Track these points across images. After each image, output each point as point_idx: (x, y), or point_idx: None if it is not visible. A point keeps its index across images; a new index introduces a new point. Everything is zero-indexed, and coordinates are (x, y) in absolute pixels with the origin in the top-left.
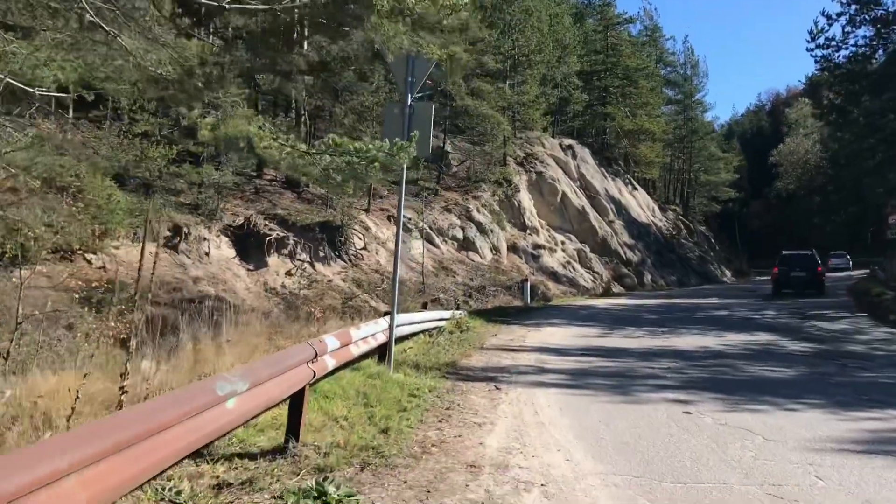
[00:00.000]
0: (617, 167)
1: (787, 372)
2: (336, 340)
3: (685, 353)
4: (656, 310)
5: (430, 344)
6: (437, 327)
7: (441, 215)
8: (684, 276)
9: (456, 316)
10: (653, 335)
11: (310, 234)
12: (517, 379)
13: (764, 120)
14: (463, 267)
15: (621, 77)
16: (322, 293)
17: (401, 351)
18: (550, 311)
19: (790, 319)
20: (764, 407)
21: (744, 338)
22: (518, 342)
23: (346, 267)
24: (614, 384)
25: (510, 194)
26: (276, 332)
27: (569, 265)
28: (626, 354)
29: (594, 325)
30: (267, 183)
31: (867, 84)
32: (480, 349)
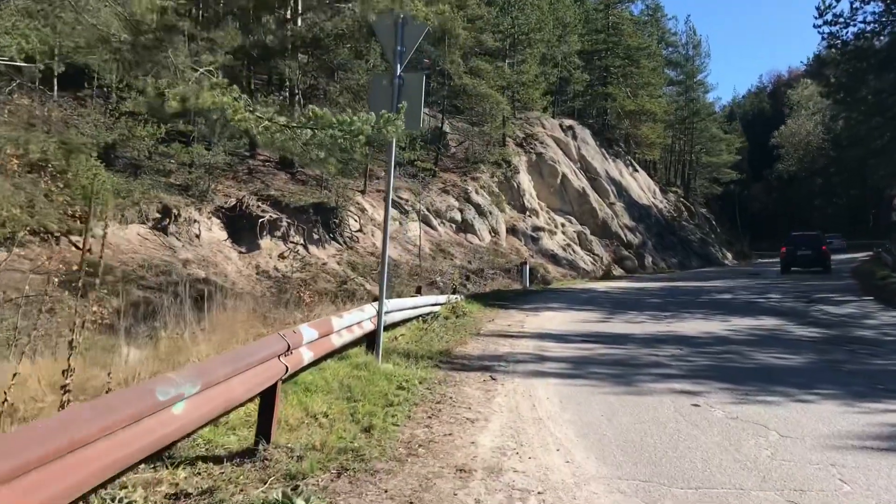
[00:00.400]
0: (618, 148)
1: (796, 359)
2: (314, 331)
3: (690, 340)
4: (658, 293)
5: (423, 330)
6: (432, 313)
7: (439, 197)
8: (685, 258)
9: (451, 301)
10: (655, 320)
11: (303, 215)
12: (514, 368)
13: (765, 101)
14: (461, 249)
15: (623, 57)
16: (316, 276)
17: (392, 338)
18: (550, 295)
19: (796, 303)
20: (776, 398)
21: (749, 322)
22: (516, 328)
23: (340, 249)
24: (617, 373)
25: (509, 176)
26: (263, 318)
27: (569, 248)
28: (629, 341)
29: (595, 309)
30: (260, 164)
31: (875, 62)
32: (477, 336)
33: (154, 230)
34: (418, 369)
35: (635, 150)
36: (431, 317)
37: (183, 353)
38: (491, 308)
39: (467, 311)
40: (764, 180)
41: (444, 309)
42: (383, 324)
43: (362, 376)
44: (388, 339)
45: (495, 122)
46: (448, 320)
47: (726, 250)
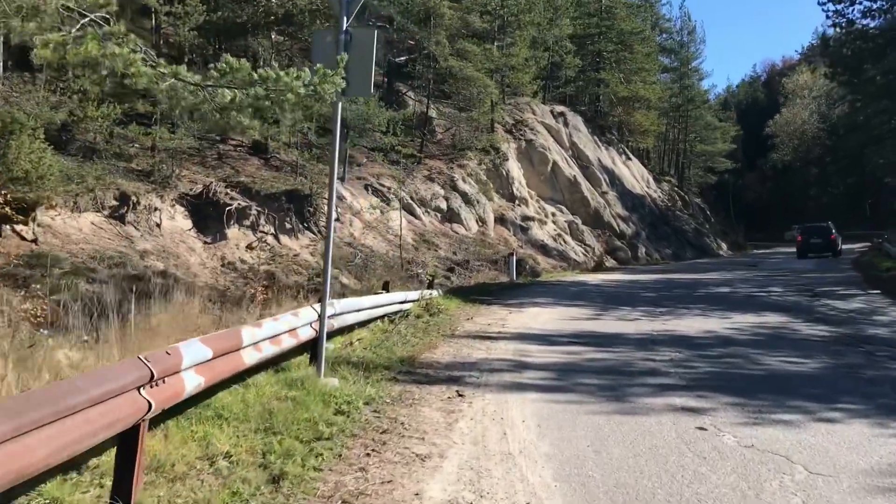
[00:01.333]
0: (610, 136)
1: (808, 364)
2: (205, 348)
3: (689, 340)
4: (652, 286)
5: (387, 333)
6: (401, 311)
7: (423, 185)
8: (680, 249)
9: (425, 297)
10: (650, 317)
11: (275, 203)
12: (488, 380)
13: (759, 91)
14: (446, 240)
15: (616, 41)
16: (286, 268)
17: (346, 344)
18: (537, 289)
19: (799, 297)
20: (794, 416)
21: (752, 319)
22: (496, 327)
23: (315, 240)
24: (608, 385)
25: (498, 163)
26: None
27: (559, 238)
28: (621, 342)
29: (585, 304)
30: (231, 148)
31: (883, 41)
32: (450, 337)
33: (110, 219)
34: (369, 384)
35: (628, 137)
36: (400, 316)
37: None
38: (471, 304)
39: (443, 308)
40: (758, 170)
41: (416, 307)
42: (333, 328)
43: (294, 397)
44: (342, 344)
45: (483, 108)
46: (420, 319)
47: (721, 241)
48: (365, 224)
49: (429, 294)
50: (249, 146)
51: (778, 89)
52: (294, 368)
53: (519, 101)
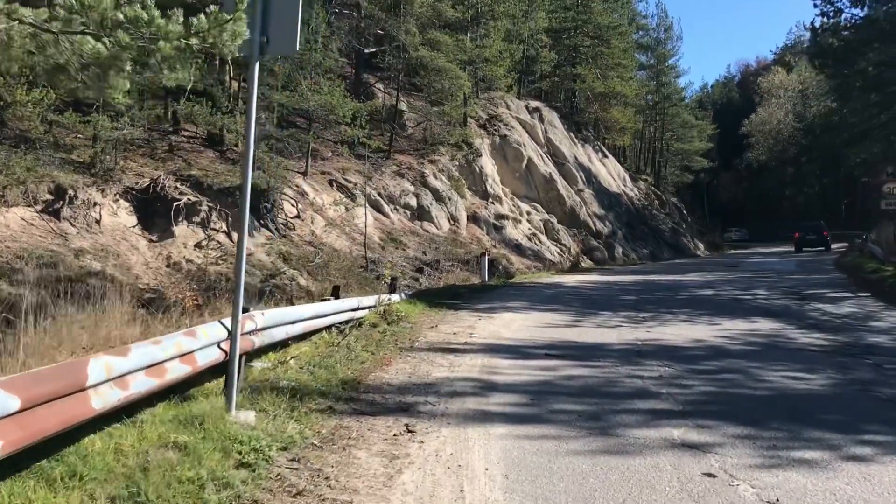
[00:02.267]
0: (587, 133)
1: (815, 380)
2: (7, 396)
3: (678, 352)
4: (632, 289)
5: (334, 346)
6: (352, 320)
7: (392, 180)
8: (657, 249)
9: (383, 302)
10: (633, 323)
11: (229, 199)
12: (447, 407)
13: (734, 91)
14: (415, 239)
15: (592, 36)
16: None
17: (279, 362)
18: (511, 291)
19: (787, 301)
20: (818, 454)
21: (742, 326)
22: (463, 337)
23: (272, 238)
24: (591, 412)
25: (471, 159)
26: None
27: (534, 237)
28: (603, 354)
29: (561, 309)
30: (184, 140)
31: (874, 32)
32: (408, 351)
33: (43, 214)
34: (294, 419)
35: (605, 135)
36: (352, 326)
37: None
38: (437, 309)
39: (404, 314)
40: (733, 170)
41: (372, 314)
42: (254, 346)
43: (186, 444)
44: (273, 363)
45: (456, 101)
46: (375, 329)
47: (698, 241)
48: (328, 221)
49: (387, 299)
50: (204, 138)
51: (753, 89)
52: (202, 398)
53: (493, 96)
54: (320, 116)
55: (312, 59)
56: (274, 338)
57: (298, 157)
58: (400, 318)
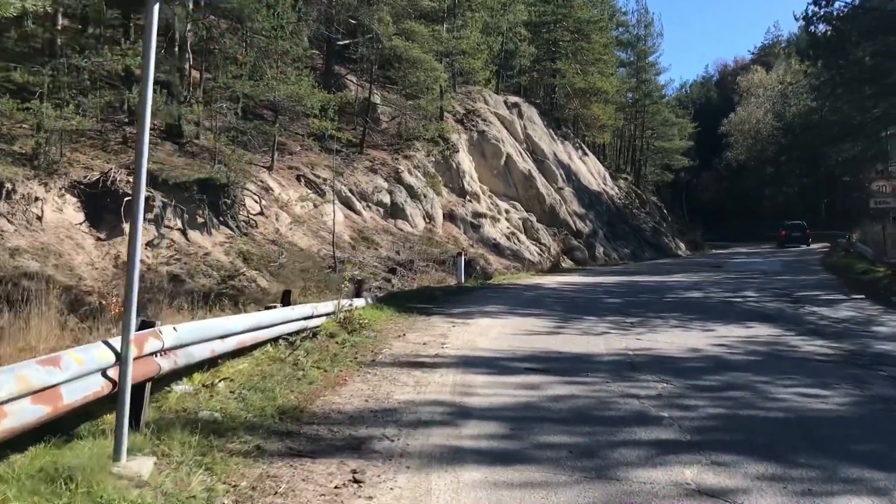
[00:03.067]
0: (566, 130)
1: (832, 398)
2: None
3: (674, 363)
4: (616, 290)
5: (279, 362)
6: (305, 329)
7: (365, 176)
8: (638, 248)
9: (344, 308)
10: (620, 329)
11: (185, 194)
12: (407, 443)
13: (712, 90)
14: (388, 238)
15: (572, 30)
16: (193, 270)
17: (202, 386)
18: (488, 294)
19: (780, 303)
20: (865, 501)
21: (738, 332)
22: (434, 348)
23: (232, 236)
24: (583, 445)
25: (448, 155)
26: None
27: (513, 236)
28: (592, 367)
29: (542, 313)
30: None
31: (870, 20)
32: (369, 366)
33: None
34: (204, 467)
35: (584, 132)
36: (304, 337)
37: None
38: (407, 315)
39: (369, 321)
40: (712, 169)
41: (330, 322)
42: (161, 372)
43: None
44: (196, 387)
45: (432, 94)
46: (333, 340)
47: (679, 240)
48: (294, 218)
49: (348, 305)
50: (162, 129)
51: (731, 89)
52: (88, 438)
53: (470, 90)
54: (287, 108)
55: (279, 47)
56: (193, 357)
57: (264, 150)
58: (363, 325)
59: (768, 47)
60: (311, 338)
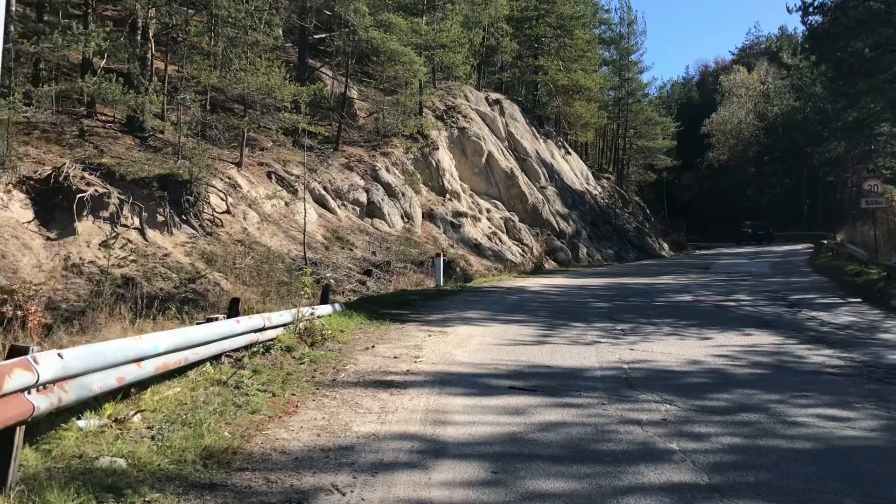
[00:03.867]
0: (549, 128)
1: (858, 421)
2: None
3: (674, 379)
4: (603, 294)
5: (220, 385)
6: (256, 344)
7: (340, 174)
8: (622, 249)
9: (304, 317)
10: (611, 337)
11: (144, 190)
12: (362, 499)
13: (693, 91)
14: (364, 238)
15: (555, 26)
16: (151, 272)
17: (113, 421)
18: (469, 298)
19: (776, 308)
20: None
21: (738, 341)
22: (405, 362)
23: (194, 236)
24: (580, 494)
25: (427, 152)
26: None
27: (494, 236)
28: (584, 384)
29: (527, 319)
30: (100, 124)
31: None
32: (327, 387)
33: None
34: None
35: (567, 130)
36: (254, 352)
37: None
38: (379, 322)
39: (333, 332)
40: (694, 169)
41: (287, 333)
42: (53, 406)
43: None
44: (112, 416)
45: (411, 89)
46: (290, 354)
47: (663, 241)
48: (263, 217)
49: (309, 313)
50: (123, 122)
51: (712, 90)
52: None
53: (451, 86)
54: (258, 101)
55: (249, 37)
56: (90, 390)
57: (234, 146)
58: (326, 337)
59: (749, 48)
60: (262, 353)
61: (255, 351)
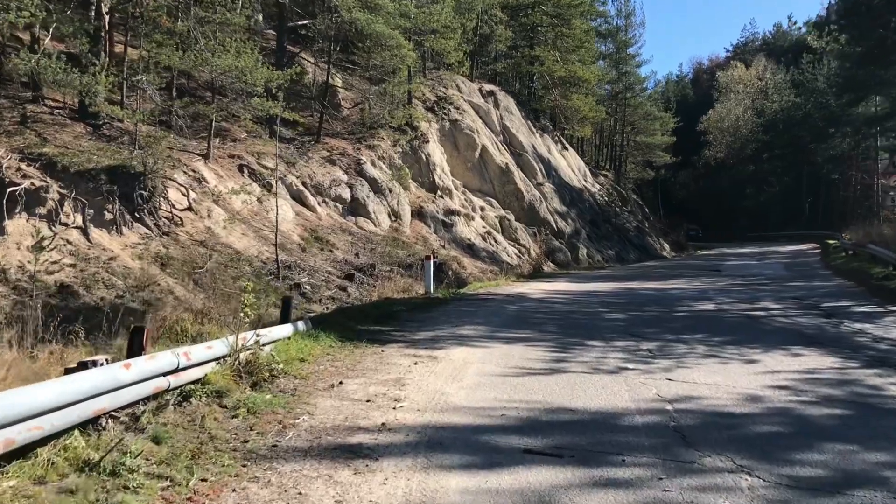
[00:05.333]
0: (545, 122)
1: None
2: None
3: (738, 428)
4: (614, 302)
5: (86, 470)
6: (167, 391)
7: (321, 168)
8: (623, 250)
9: (246, 347)
10: (640, 362)
11: (90, 183)
12: None
13: (688, 88)
14: (347, 238)
15: (552, 14)
16: (91, 278)
17: None
18: (462, 308)
19: (812, 318)
20: None
21: (788, 363)
22: (382, 408)
23: (148, 236)
24: None
25: (417, 145)
26: None
27: (489, 236)
28: (623, 441)
29: (533, 337)
30: (47, 110)
31: None
32: (264, 458)
33: None
34: None
35: (564, 125)
36: (160, 406)
37: None
38: (353, 345)
39: (290, 361)
40: (690, 167)
41: (219, 371)
42: None
43: None
44: None
45: (399, 77)
46: (218, 402)
47: (663, 241)
48: (232, 215)
49: (253, 340)
50: (74, 108)
51: (707, 87)
52: None
53: (442, 76)
54: (227, 86)
55: (218, 14)
56: None
57: (203, 137)
58: (276, 373)
59: (744, 45)
60: (178, 404)
61: (163, 403)
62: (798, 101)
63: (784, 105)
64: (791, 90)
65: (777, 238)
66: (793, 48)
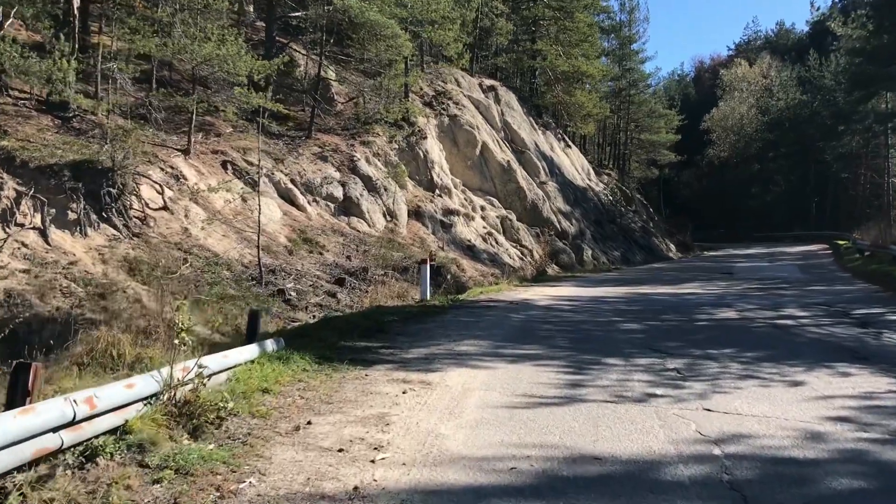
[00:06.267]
0: (547, 119)
1: None
2: None
3: (810, 484)
4: (627, 309)
5: None
6: (54, 453)
7: (312, 165)
8: (629, 251)
9: (184, 381)
10: (668, 385)
11: (51, 180)
12: None
13: (690, 87)
14: (338, 239)
15: (555, 7)
16: (48, 285)
17: None
18: (462, 317)
19: (843, 327)
20: None
21: (840, 386)
22: (357, 462)
23: (116, 237)
24: None
25: (414, 142)
26: None
27: (490, 237)
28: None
29: (542, 353)
30: (11, 101)
31: None
32: None
33: None
34: None
35: (566, 122)
36: (38, 479)
37: None
38: (332, 367)
39: (247, 394)
40: (693, 166)
41: (149, 414)
42: None
43: None
44: None
45: (395, 70)
46: (140, 461)
47: (669, 242)
48: (212, 215)
49: (195, 371)
50: (41, 99)
51: (710, 86)
52: None
53: (441, 70)
54: (209, 77)
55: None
56: None
57: (184, 131)
58: (224, 413)
59: (747, 43)
60: (78, 467)
61: (55, 467)
62: (805, 98)
63: (790, 103)
64: (797, 87)
65: (784, 238)
66: (796, 46)
